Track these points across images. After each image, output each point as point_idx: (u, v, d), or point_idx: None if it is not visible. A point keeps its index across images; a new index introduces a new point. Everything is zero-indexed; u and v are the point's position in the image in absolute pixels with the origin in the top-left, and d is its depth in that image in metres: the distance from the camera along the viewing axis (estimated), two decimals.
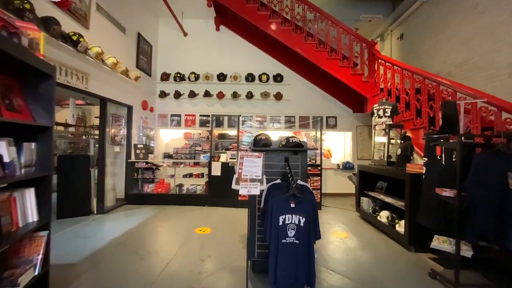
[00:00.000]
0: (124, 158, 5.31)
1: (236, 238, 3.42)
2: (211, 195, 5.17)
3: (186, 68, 6.57)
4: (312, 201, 2.18)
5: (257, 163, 1.93)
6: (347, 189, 6.26)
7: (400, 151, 3.56)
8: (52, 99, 1.65)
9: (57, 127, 10.27)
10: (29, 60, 1.48)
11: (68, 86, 3.58)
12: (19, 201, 1.52)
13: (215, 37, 6.72)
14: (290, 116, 6.59)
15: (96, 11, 4.22)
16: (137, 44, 5.61)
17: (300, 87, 6.61)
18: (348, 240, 3.45)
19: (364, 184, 4.55)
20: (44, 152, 1.63)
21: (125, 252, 2.92)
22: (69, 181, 4.20)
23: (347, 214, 4.76)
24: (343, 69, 5.47)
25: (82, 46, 3.52)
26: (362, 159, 6.47)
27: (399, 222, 3.42)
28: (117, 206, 4.92)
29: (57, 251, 2.88)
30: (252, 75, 6.46)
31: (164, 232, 3.77)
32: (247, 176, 1.87)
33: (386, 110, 4.21)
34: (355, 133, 6.60)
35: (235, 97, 6.46)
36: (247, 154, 1.99)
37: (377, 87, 5.13)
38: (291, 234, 2.11)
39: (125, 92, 5.10)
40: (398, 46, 6.34)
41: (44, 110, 1.62)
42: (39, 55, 1.60)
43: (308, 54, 5.53)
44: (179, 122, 6.70)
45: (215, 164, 5.17)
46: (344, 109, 6.60)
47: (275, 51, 6.56)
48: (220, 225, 3.98)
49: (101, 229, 3.71)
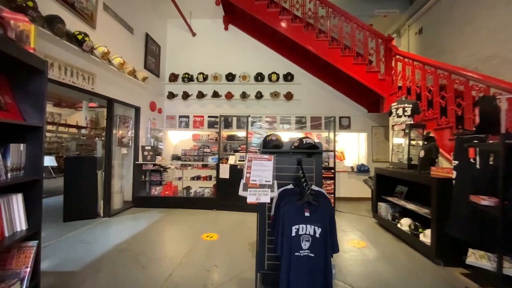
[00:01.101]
0: (132, 160, 5.23)
1: (245, 245, 3.22)
2: (219, 198, 4.99)
3: (194, 68, 6.46)
4: (329, 209, 1.95)
5: (267, 166, 1.72)
6: (362, 193, 5.93)
7: (423, 153, 3.25)
8: (43, 96, 1.51)
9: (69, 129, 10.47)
10: (17, 54, 1.35)
11: (74, 87, 3.51)
12: (4, 209, 1.38)
13: (223, 37, 6.58)
14: (301, 116, 6.34)
15: (103, 10, 4.16)
16: (145, 44, 5.54)
17: (311, 86, 6.35)
18: (366, 250, 3.17)
19: (381, 188, 4.24)
20: (34, 154, 1.49)
21: (127, 259, 2.77)
22: (76, 183, 4.13)
23: (363, 221, 4.45)
24: (358, 67, 5.19)
25: (87, 45, 3.44)
26: (378, 161, 6.12)
27: (423, 232, 3.11)
28: (124, 209, 4.83)
29: (58, 258, 2.77)
30: (261, 75, 6.26)
31: (170, 237, 3.62)
32: (256, 181, 1.67)
33: (406, 109, 3.91)
34: (370, 134, 6.26)
35: (244, 98, 6.28)
36: (256, 157, 1.78)
37: (395, 84, 4.81)
38: (305, 247, 1.88)
39: (133, 93, 5.03)
40: (417, 42, 5.97)
41: (34, 108, 1.49)
42: (29, 48, 1.47)
43: (320, 51, 5.28)
44: (187, 124, 6.60)
45: (223, 167, 4.99)
46: (358, 109, 6.29)
47: (285, 50, 6.35)
48: (228, 231, 3.79)
49: (105, 234, 3.60)
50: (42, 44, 2.96)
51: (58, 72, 3.22)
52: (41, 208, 1.52)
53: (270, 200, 1.75)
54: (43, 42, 2.96)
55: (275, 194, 1.73)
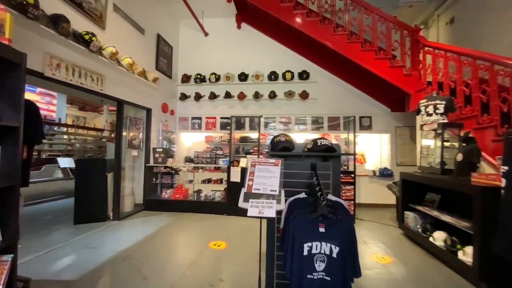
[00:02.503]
0: (143, 162, 5.16)
1: (253, 256, 2.94)
2: (229, 203, 4.77)
3: (206, 69, 6.33)
4: (349, 224, 1.63)
5: (274, 172, 1.45)
6: (385, 199, 5.44)
7: (461, 156, 2.79)
8: (21, 93, 1.36)
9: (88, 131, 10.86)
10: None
11: (82, 88, 3.46)
12: None
13: (236, 36, 6.40)
14: (318, 116, 5.96)
15: (113, 11, 4.12)
16: (157, 45, 5.49)
17: (328, 84, 5.97)
18: (392, 267, 2.77)
19: (408, 195, 3.78)
20: (10, 157, 1.34)
21: (128, 268, 2.61)
22: (86, 185, 4.09)
23: (387, 231, 4.00)
24: (380, 62, 4.75)
25: (95, 45, 3.38)
26: (403, 165, 5.59)
27: (462, 249, 2.65)
28: (134, 212, 4.76)
29: (59, 264, 2.68)
30: (275, 74, 5.99)
31: (176, 245, 3.44)
32: (259, 190, 1.40)
33: (437, 106, 3.44)
34: (394, 135, 5.74)
35: (257, 98, 6.03)
36: (260, 161, 1.52)
37: (423, 80, 4.32)
38: (319, 268, 1.58)
39: (144, 94, 4.97)
40: (448, 33, 5.40)
41: (10, 106, 1.34)
42: (3, 39, 1.32)
43: (338, 46, 4.91)
44: (200, 125, 6.47)
45: (234, 170, 4.77)
46: (380, 108, 5.80)
47: (300, 47, 6.03)
48: (237, 239, 3.54)
49: (112, 239, 3.49)
50: (47, 44, 2.91)
51: (65, 73, 3.17)
52: (16, 218, 1.37)
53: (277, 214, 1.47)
54: (48, 42, 2.91)
55: (282, 206, 1.44)
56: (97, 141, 10.11)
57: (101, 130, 10.68)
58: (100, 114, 14.18)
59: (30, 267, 2.57)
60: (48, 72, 2.94)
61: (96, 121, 14.52)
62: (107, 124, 11.06)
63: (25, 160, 2.19)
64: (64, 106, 11.60)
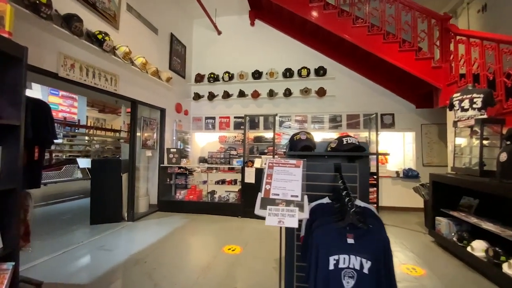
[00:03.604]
0: (157, 162, 5.14)
1: (270, 263, 2.76)
2: (244, 204, 4.62)
3: (220, 68, 6.23)
4: (382, 234, 1.41)
5: (295, 175, 1.27)
6: (410, 202, 5.07)
7: (506, 156, 2.45)
8: (22, 89, 1.27)
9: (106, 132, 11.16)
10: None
11: (96, 88, 3.44)
12: None
13: (249, 33, 6.25)
14: (336, 114, 5.68)
15: (126, 11, 4.10)
16: (170, 45, 5.45)
17: (347, 80, 5.66)
18: (425, 280, 2.48)
19: (440, 199, 3.44)
20: (11, 158, 1.25)
21: (140, 273, 2.52)
22: (102, 186, 4.11)
23: (416, 238, 3.67)
24: (404, 54, 4.40)
25: (108, 45, 3.35)
26: (430, 165, 5.18)
27: (508, 261, 2.32)
28: (149, 213, 4.73)
29: (73, 267, 2.64)
30: (290, 71, 5.77)
31: (189, 248, 3.33)
32: (278, 195, 1.22)
33: (474, 100, 3.09)
34: (419, 133, 5.34)
35: (272, 96, 5.85)
36: (279, 162, 1.34)
37: (455, 72, 3.94)
38: (348, 285, 1.37)
39: (157, 94, 4.94)
40: (480, 21, 4.92)
41: (10, 104, 1.26)
42: (3, 32, 1.24)
43: (357, 39, 4.62)
44: (213, 125, 6.38)
45: (248, 170, 4.61)
46: (404, 104, 5.42)
47: (317, 42, 5.77)
48: (252, 243, 3.37)
49: (126, 240, 3.45)
50: (61, 44, 2.90)
51: (79, 73, 3.16)
52: (18, 222, 1.28)
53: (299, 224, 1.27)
54: (62, 42, 2.90)
55: (305, 215, 1.25)
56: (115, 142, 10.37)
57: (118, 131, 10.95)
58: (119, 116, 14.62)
59: (44, 269, 2.55)
60: (63, 72, 2.93)
61: (114, 122, 14.96)
62: (124, 125, 11.33)
63: (37, 161, 2.15)
64: (84, 108, 12.02)
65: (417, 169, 5.26)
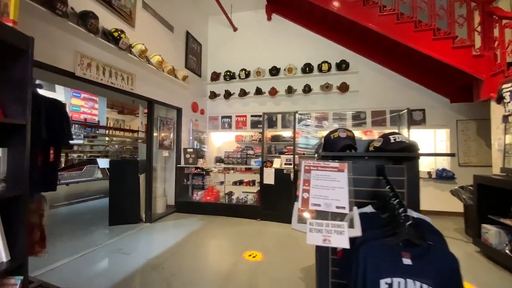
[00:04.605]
0: (174, 163, 5.06)
1: (295, 272, 2.54)
2: (263, 207, 4.42)
3: (236, 65, 6.06)
4: (447, 254, 1.14)
5: (339, 181, 1.04)
6: (445, 205, 4.64)
7: None
8: (28, 84, 1.14)
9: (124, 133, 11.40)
10: None
11: (112, 88, 3.38)
12: None
13: (266, 28, 6.02)
14: (359, 111, 5.32)
15: (142, 9, 4.02)
16: (186, 43, 5.35)
17: (371, 74, 5.28)
18: None
19: (487, 204, 3.04)
20: (17, 161, 1.13)
21: (158, 280, 2.38)
22: (119, 187, 4.06)
23: (457, 247, 3.28)
24: (440, 43, 3.98)
25: (124, 42, 3.26)
26: (468, 165, 4.70)
27: None
28: (166, 214, 4.66)
29: (90, 272, 2.56)
30: (309, 66, 5.48)
31: (208, 253, 3.18)
32: (319, 206, 1.00)
33: None
34: (455, 130, 4.86)
35: (290, 93, 5.59)
36: (317, 165, 1.11)
37: (501, 60, 3.48)
38: None
39: (174, 93, 4.85)
40: None
41: (16, 101, 1.13)
42: (7, 21, 1.11)
43: (385, 29, 4.25)
44: (230, 124, 6.23)
45: (267, 171, 4.40)
46: (436, 99, 4.96)
47: (338, 34, 5.43)
48: (274, 249, 3.16)
49: (143, 243, 3.36)
50: (77, 42, 2.84)
51: (96, 73, 3.09)
52: (26, 232, 1.15)
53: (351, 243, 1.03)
54: (78, 40, 2.84)
55: (357, 232, 1.01)
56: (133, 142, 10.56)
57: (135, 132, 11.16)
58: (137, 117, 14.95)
59: (62, 273, 2.49)
60: (79, 71, 2.87)
61: (133, 123, 15.32)
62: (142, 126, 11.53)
63: (52, 163, 2.07)
64: (104, 110, 12.35)
65: (452, 170, 4.79)
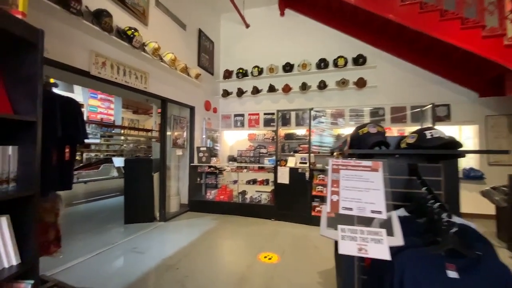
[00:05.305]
0: (188, 161, 5.05)
1: (313, 276, 2.41)
2: (277, 206, 4.31)
3: (249, 62, 5.97)
4: (500, 267, 0.99)
5: (373, 182, 0.91)
6: (473, 207, 4.33)
7: None
8: (38, 79, 1.10)
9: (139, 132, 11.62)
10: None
11: (126, 87, 3.38)
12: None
13: (279, 24, 5.88)
14: (378, 107, 5.08)
15: (155, 7, 4.00)
16: (198, 41, 5.31)
17: (391, 69, 5.03)
18: None
19: None
20: (27, 160, 1.08)
21: (172, 281, 2.34)
22: (134, 185, 4.09)
23: None
24: (468, 32, 3.69)
25: (137, 41, 3.24)
26: (498, 164, 4.37)
27: None
28: (180, 213, 4.65)
29: (105, 270, 2.55)
30: (324, 61, 5.30)
31: (222, 254, 3.11)
32: (351, 210, 0.88)
33: None
34: (484, 127, 4.52)
35: (304, 89, 5.43)
36: (347, 164, 0.99)
37: None
38: None
39: (187, 92, 4.82)
40: None
41: (26, 97, 1.09)
42: (16, 13, 1.07)
43: (407, 19, 4.00)
44: (242, 123, 6.16)
45: (281, 170, 4.28)
46: (463, 93, 4.64)
47: (355, 28, 5.21)
48: (290, 251, 3.05)
49: (158, 242, 3.34)
50: (92, 41, 2.84)
51: (110, 71, 3.09)
52: (36, 235, 1.10)
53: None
54: (92, 39, 2.84)
55: (398, 241, 0.88)
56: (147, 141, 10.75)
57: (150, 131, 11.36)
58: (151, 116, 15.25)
59: (78, 272, 2.50)
60: (94, 71, 2.87)
61: (147, 123, 15.63)
62: (155, 125, 11.72)
63: (68, 161, 2.05)
64: (120, 110, 12.66)
65: (481, 169, 4.47)
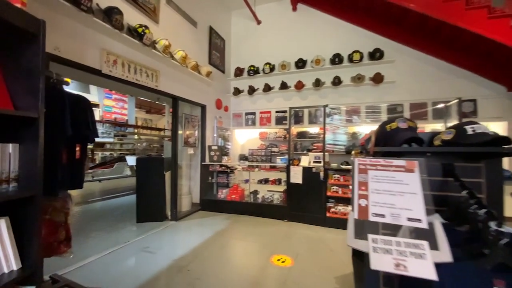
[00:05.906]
0: (199, 160, 5.01)
1: (330, 282, 2.28)
2: (290, 207, 4.18)
3: (260, 59, 5.85)
4: None
5: (408, 184, 0.78)
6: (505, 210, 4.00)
7: None
8: (39, 73, 1.04)
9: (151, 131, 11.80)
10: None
11: (137, 85, 3.36)
12: None
13: (291, 19, 5.72)
14: (396, 104, 4.82)
15: (166, 4, 3.96)
16: (209, 38, 5.25)
17: (410, 63, 4.76)
18: None
19: None
20: (29, 158, 1.03)
21: (183, 283, 2.28)
22: (146, 184, 4.09)
23: None
24: (496, 22, 3.40)
25: (148, 38, 3.21)
26: None
27: None
28: (191, 212, 4.62)
29: (116, 270, 2.53)
30: (339, 56, 5.10)
31: (234, 256, 3.02)
32: (383, 217, 0.76)
33: None
34: None
35: (318, 86, 5.25)
36: (376, 163, 0.87)
37: None
38: None
39: (198, 90, 4.78)
40: None
41: (27, 92, 1.03)
42: (14, 1, 1.01)
43: (429, 8, 3.74)
44: (253, 121, 6.06)
45: (294, 169, 4.15)
46: (490, 87, 4.32)
47: (371, 20, 4.97)
48: (304, 254, 2.92)
49: (169, 242, 3.31)
50: (103, 39, 2.82)
51: (121, 70, 3.07)
52: (38, 238, 1.05)
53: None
54: (103, 37, 2.82)
55: (445, 257, 0.75)
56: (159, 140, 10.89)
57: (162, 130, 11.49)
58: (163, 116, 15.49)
59: (89, 271, 2.49)
60: (106, 69, 2.86)
61: (159, 122, 15.90)
62: (168, 125, 11.88)
63: (78, 160, 2.03)
64: (133, 109, 12.91)
65: (510, 169, 4.14)
